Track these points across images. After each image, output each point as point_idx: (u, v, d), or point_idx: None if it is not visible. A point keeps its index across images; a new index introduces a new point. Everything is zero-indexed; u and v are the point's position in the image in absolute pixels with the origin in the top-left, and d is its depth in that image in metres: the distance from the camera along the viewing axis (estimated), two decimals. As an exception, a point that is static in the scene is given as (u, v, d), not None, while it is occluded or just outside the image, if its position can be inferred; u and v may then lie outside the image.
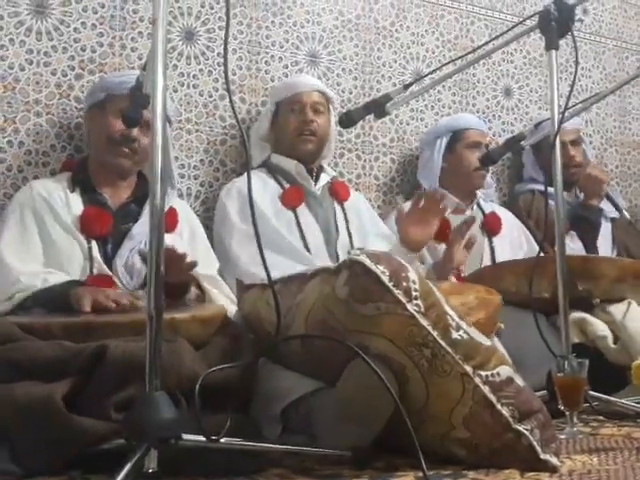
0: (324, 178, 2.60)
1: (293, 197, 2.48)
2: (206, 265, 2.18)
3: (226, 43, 1.43)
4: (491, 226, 2.85)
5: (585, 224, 2.95)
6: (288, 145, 2.55)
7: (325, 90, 2.64)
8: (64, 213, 2.10)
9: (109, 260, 2.07)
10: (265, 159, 2.59)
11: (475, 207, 2.90)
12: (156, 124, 1.34)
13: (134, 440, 1.22)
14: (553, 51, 1.91)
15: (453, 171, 2.85)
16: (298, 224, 2.42)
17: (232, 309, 1.94)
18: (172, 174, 2.32)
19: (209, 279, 2.10)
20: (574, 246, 2.85)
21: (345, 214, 2.54)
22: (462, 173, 2.83)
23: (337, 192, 2.58)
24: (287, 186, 2.50)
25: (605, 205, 3.04)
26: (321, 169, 2.62)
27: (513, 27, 2.11)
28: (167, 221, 2.09)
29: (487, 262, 2.74)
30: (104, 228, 2.10)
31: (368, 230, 2.55)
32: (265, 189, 2.48)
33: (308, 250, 2.37)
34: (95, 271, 2.03)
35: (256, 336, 1.71)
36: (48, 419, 1.32)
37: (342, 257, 2.29)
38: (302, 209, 2.47)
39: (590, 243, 2.93)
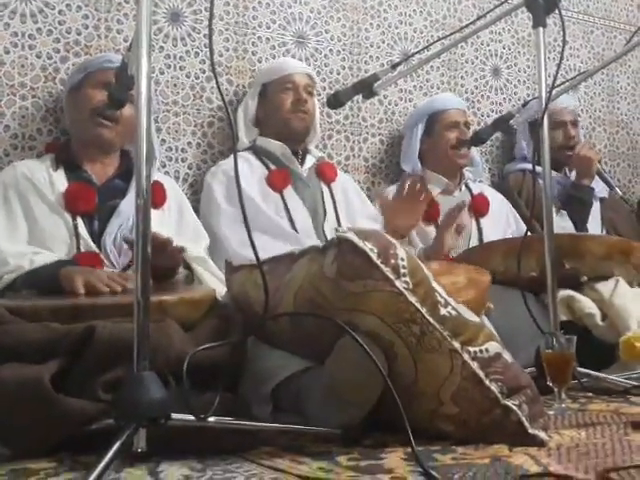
0: (310, 160, 2.61)
1: (279, 179, 2.47)
2: (195, 243, 2.18)
3: (210, 24, 1.42)
4: (479, 207, 2.86)
5: (576, 204, 2.96)
6: (280, 123, 2.55)
7: (313, 74, 2.67)
8: (48, 191, 2.10)
9: (96, 237, 2.07)
10: (252, 142, 2.58)
11: (463, 188, 2.91)
12: (141, 106, 1.33)
13: (123, 420, 1.22)
14: (540, 28, 1.90)
15: (433, 153, 2.89)
16: (285, 206, 2.42)
17: (221, 290, 1.94)
18: (153, 147, 2.29)
19: (198, 260, 2.10)
20: (565, 225, 2.86)
21: (332, 195, 2.55)
22: (441, 154, 2.87)
23: (324, 173, 2.59)
24: (273, 168, 2.50)
25: (596, 184, 3.05)
26: (307, 151, 2.62)
27: (500, 5, 2.11)
28: (154, 196, 2.09)
29: (475, 243, 2.76)
30: (89, 204, 2.10)
31: (356, 211, 2.56)
32: (251, 171, 2.47)
33: (296, 232, 2.37)
34: (82, 249, 2.03)
35: (245, 317, 1.71)
36: (36, 401, 1.31)
37: (330, 238, 2.29)
38: (289, 191, 2.47)
39: (580, 222, 2.95)
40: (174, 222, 2.23)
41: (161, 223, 2.13)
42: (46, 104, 2.41)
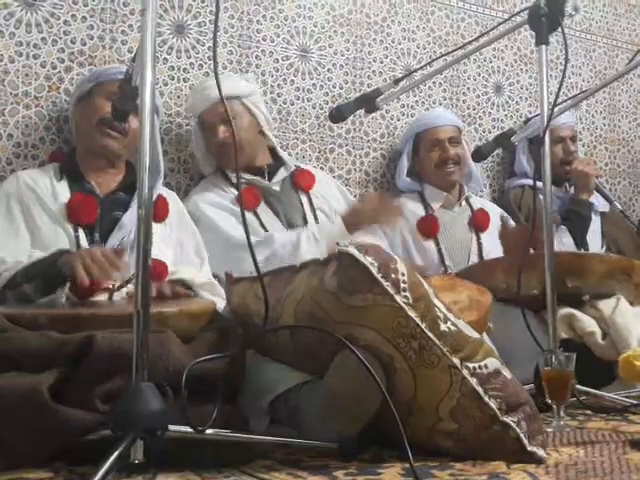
0: (282, 173, 2.55)
1: (249, 198, 2.41)
2: (198, 264, 2.19)
3: (215, 37, 1.43)
4: (479, 222, 2.86)
5: (576, 218, 2.97)
6: (216, 158, 2.51)
7: (223, 96, 2.49)
8: (50, 202, 2.10)
9: None
10: (215, 167, 2.55)
11: (464, 203, 2.92)
12: (144, 117, 1.33)
13: (120, 431, 1.21)
14: (543, 46, 1.92)
15: (423, 172, 2.91)
16: (261, 224, 2.39)
17: (223, 304, 1.94)
18: (159, 162, 2.29)
19: (205, 286, 2.10)
20: (565, 240, 2.86)
21: (312, 203, 2.52)
22: (429, 173, 2.90)
23: (299, 182, 2.55)
24: (243, 187, 2.43)
25: (595, 198, 3.05)
26: (280, 162, 2.56)
27: (503, 22, 2.12)
28: (157, 210, 2.09)
29: (474, 258, 2.76)
30: (91, 215, 2.10)
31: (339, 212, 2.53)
32: (221, 196, 2.43)
33: None
34: (83, 260, 2.02)
35: (245, 330, 1.71)
36: (34, 410, 1.31)
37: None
38: (262, 208, 2.43)
39: (580, 237, 2.95)
40: (175, 237, 2.23)
41: (162, 237, 2.13)
42: (49, 113, 2.42)
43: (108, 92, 2.14)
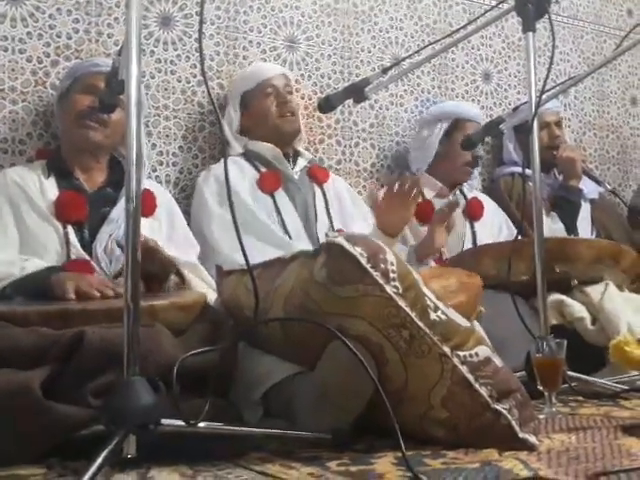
0: (301, 162, 2.60)
1: (270, 182, 2.47)
2: (185, 251, 2.17)
3: (201, 28, 1.42)
4: (473, 211, 2.86)
5: (565, 205, 2.97)
6: (271, 130, 2.55)
7: (288, 73, 2.68)
8: (39, 199, 2.09)
9: (87, 245, 2.06)
10: (244, 149, 2.58)
11: (457, 192, 2.91)
12: (130, 110, 1.33)
13: (112, 426, 1.21)
14: (530, 33, 1.91)
15: (444, 158, 2.86)
16: (277, 209, 2.42)
17: (212, 296, 1.94)
18: (142, 155, 2.28)
19: (189, 266, 2.09)
20: (555, 227, 2.87)
21: (325, 197, 2.54)
22: (451, 163, 2.85)
23: (315, 175, 2.59)
24: (264, 170, 2.50)
25: (585, 184, 3.06)
26: (298, 153, 2.61)
27: (491, 9, 2.12)
28: (144, 205, 2.08)
29: (469, 246, 2.75)
30: (79, 213, 2.09)
31: (349, 212, 2.56)
32: (242, 174, 2.47)
33: (288, 234, 2.37)
34: (73, 256, 2.01)
35: (236, 322, 1.71)
36: (26, 406, 1.31)
37: (322, 240, 2.29)
38: (280, 194, 2.47)
39: (570, 224, 2.95)
40: (164, 232, 2.22)
41: (151, 232, 2.12)
42: (36, 108, 2.40)
43: (84, 86, 2.15)
